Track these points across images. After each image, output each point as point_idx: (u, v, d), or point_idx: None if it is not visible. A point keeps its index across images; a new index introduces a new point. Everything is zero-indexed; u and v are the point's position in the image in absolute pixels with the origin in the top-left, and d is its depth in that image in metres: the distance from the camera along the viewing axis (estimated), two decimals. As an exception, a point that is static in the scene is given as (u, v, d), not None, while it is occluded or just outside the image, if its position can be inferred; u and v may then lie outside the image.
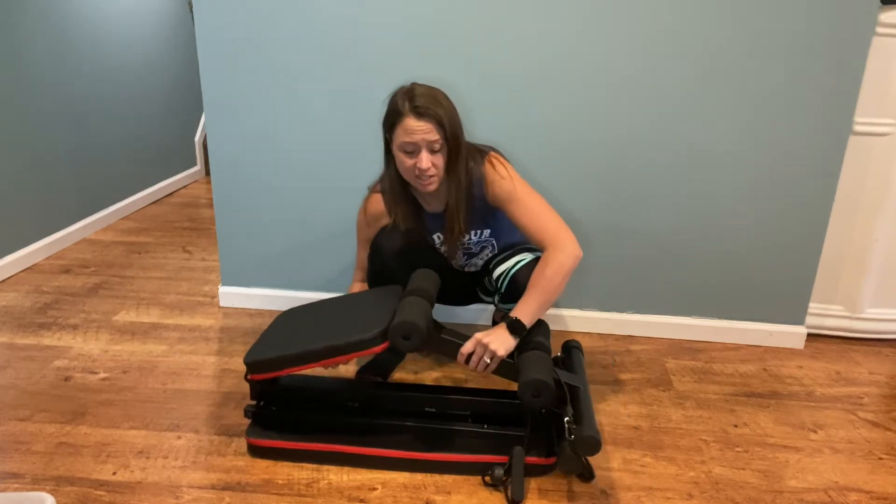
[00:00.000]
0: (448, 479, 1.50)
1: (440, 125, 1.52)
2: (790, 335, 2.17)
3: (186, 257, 2.85)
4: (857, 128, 1.99)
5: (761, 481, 1.52)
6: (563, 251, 1.55)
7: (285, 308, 2.31)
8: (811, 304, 2.19)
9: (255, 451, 1.56)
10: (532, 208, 1.62)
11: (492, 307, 2.17)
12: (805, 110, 1.95)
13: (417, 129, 1.51)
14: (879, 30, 1.89)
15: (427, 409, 1.61)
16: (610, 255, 2.15)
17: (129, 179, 3.50)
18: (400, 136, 1.54)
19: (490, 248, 1.80)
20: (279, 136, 2.14)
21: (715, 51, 1.92)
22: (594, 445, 1.37)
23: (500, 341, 1.50)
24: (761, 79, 1.93)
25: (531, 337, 1.56)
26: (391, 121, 1.57)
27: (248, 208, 2.24)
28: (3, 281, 2.55)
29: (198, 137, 4.28)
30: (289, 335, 1.58)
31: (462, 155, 1.60)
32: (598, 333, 2.23)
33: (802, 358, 2.12)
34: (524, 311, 1.54)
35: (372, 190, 1.79)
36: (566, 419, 1.44)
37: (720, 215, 2.08)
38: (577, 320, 2.24)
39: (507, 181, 1.62)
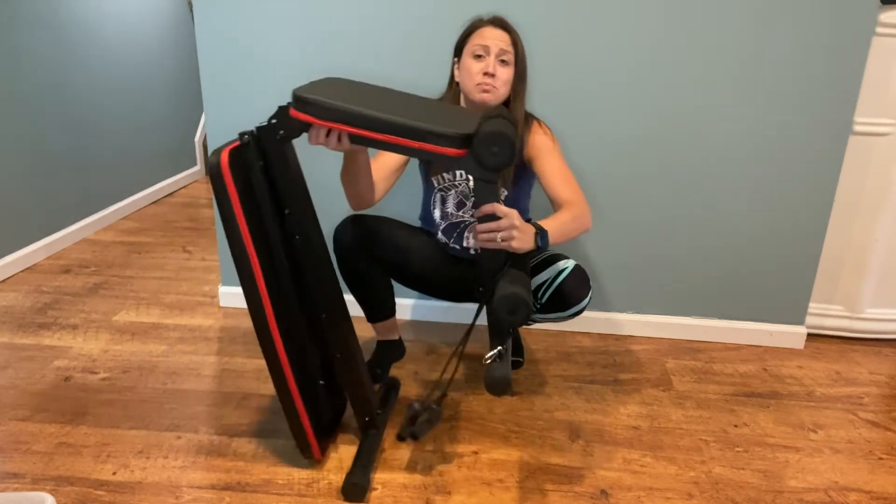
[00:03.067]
0: (448, 478, 1.50)
1: (514, 42, 1.60)
2: (790, 335, 2.17)
3: (186, 257, 2.85)
4: (857, 128, 1.99)
5: (761, 481, 1.52)
6: (587, 214, 1.59)
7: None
8: (811, 304, 2.19)
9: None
10: (563, 167, 1.66)
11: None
12: (805, 110, 1.95)
13: (493, 35, 1.59)
14: (879, 30, 1.89)
15: None
16: (610, 255, 2.15)
17: (129, 179, 3.49)
18: (474, 41, 1.60)
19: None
20: (279, 136, 2.14)
21: (715, 51, 1.92)
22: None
23: (524, 237, 1.40)
24: (761, 79, 1.93)
25: (518, 264, 1.48)
26: (466, 33, 1.63)
27: (248, 208, 2.24)
28: (3, 281, 2.55)
29: (198, 137, 4.28)
30: (352, 95, 1.38)
31: (524, 91, 1.65)
32: (598, 333, 2.23)
33: (802, 358, 2.12)
34: (552, 232, 1.48)
35: None
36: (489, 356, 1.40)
37: (720, 215, 2.08)
38: (577, 320, 2.23)
39: (549, 137, 1.68)
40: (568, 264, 1.65)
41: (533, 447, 1.62)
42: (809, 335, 2.21)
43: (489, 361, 1.39)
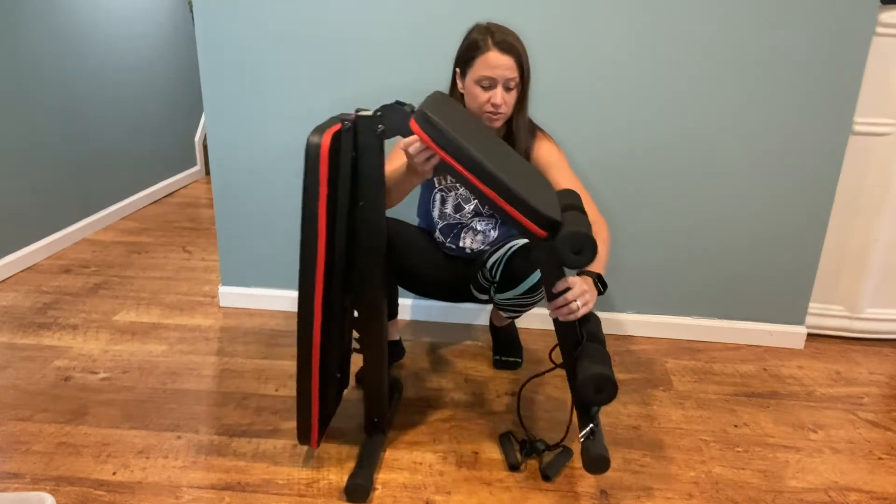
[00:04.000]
0: (448, 478, 1.50)
1: (519, 63, 1.56)
2: (790, 335, 2.17)
3: (186, 257, 2.85)
4: (857, 128, 1.99)
5: (761, 481, 1.52)
6: (607, 229, 1.61)
7: (285, 308, 2.33)
8: (811, 304, 2.19)
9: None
10: (575, 181, 1.66)
11: (489, 308, 2.17)
12: (805, 110, 1.95)
13: (500, 63, 1.54)
14: (879, 30, 1.89)
15: None
16: (610, 256, 2.15)
17: (129, 179, 3.50)
18: (479, 70, 1.56)
19: (492, 226, 1.79)
20: (279, 136, 2.14)
21: (715, 51, 1.92)
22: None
23: (591, 292, 1.41)
24: (761, 79, 1.93)
25: (589, 326, 1.49)
26: (470, 55, 1.58)
27: (248, 208, 2.24)
28: (3, 281, 2.55)
29: (198, 137, 4.28)
30: (466, 130, 1.36)
31: (527, 100, 1.64)
32: (598, 333, 2.23)
33: (802, 358, 2.12)
34: (603, 270, 1.49)
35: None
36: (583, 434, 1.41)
37: (720, 215, 2.08)
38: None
39: (555, 147, 1.68)
40: (517, 242, 1.67)
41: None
42: (809, 335, 2.21)
43: (583, 440, 1.39)
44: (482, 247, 1.79)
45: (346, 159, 1.35)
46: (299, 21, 2.01)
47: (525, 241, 1.68)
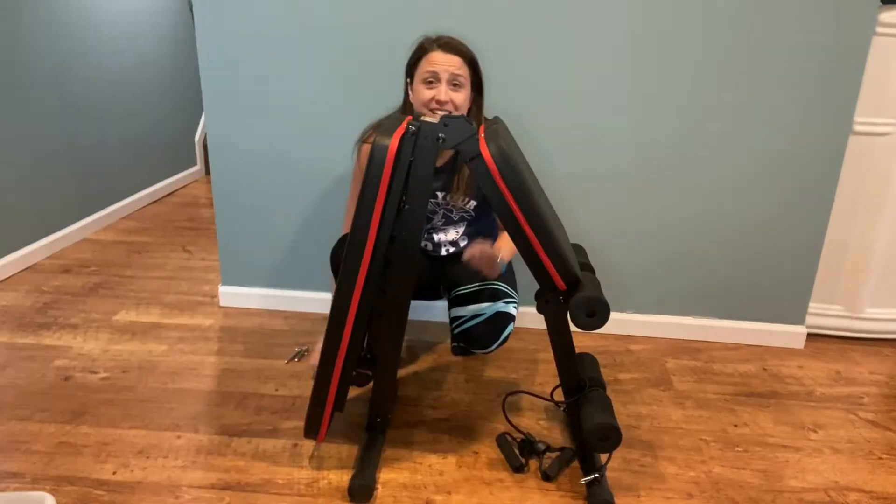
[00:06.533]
0: (448, 478, 1.50)
1: (466, 62, 1.55)
2: (790, 335, 2.17)
3: (186, 257, 2.85)
4: (857, 128, 1.99)
5: (761, 481, 1.52)
6: None
7: (285, 308, 2.33)
8: (811, 304, 2.19)
9: None
10: None
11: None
12: (805, 110, 1.95)
13: (442, 60, 1.54)
14: (879, 30, 1.89)
15: None
16: (610, 256, 2.15)
17: (129, 179, 3.49)
18: (423, 68, 1.57)
19: (464, 225, 1.78)
20: (279, 136, 2.14)
21: (715, 50, 1.92)
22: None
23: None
24: (761, 79, 1.93)
25: (589, 373, 1.57)
26: (415, 57, 1.59)
27: (248, 208, 2.24)
28: (3, 281, 2.55)
29: (198, 137, 4.28)
30: (526, 171, 1.39)
31: (482, 106, 1.61)
32: (599, 333, 2.23)
33: (802, 358, 2.12)
34: (507, 253, 1.61)
35: (364, 140, 1.70)
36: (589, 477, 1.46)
37: (720, 215, 2.08)
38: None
39: None
40: (485, 311, 1.65)
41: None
42: (809, 335, 2.21)
43: (587, 485, 1.45)
44: (451, 248, 1.81)
45: (404, 162, 1.36)
46: (299, 21, 2.01)
47: (494, 309, 1.66)
